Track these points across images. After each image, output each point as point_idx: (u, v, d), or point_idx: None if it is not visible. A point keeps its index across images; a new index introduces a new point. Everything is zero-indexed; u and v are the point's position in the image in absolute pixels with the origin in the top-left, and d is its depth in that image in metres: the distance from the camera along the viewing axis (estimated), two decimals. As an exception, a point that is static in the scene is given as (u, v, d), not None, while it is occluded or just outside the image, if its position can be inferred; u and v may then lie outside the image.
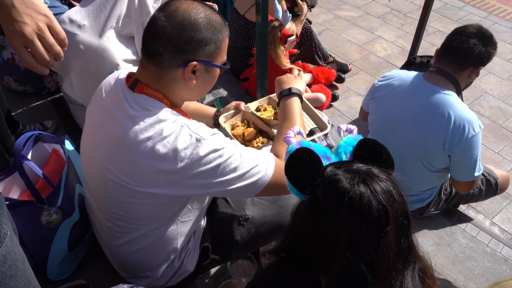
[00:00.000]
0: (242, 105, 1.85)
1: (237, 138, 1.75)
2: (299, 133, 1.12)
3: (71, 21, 2.15)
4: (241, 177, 1.20)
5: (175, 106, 1.26)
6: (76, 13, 2.17)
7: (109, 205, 1.29)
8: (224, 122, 1.80)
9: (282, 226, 1.57)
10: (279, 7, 2.83)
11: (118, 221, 1.31)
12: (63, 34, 0.88)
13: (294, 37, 2.90)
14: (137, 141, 1.14)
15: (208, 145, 1.15)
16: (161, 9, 1.18)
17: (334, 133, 2.82)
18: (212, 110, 1.83)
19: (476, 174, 1.98)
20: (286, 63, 2.99)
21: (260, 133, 1.79)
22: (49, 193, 1.51)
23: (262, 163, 1.24)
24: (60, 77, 2.38)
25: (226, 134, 1.75)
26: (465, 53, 1.89)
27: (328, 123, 2.51)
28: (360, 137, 1.04)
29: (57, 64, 2.56)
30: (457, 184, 2.09)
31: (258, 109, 1.88)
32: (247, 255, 1.81)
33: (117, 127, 1.18)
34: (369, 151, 0.99)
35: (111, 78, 1.33)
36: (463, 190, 2.13)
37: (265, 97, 1.96)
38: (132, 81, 1.22)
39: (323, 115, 2.01)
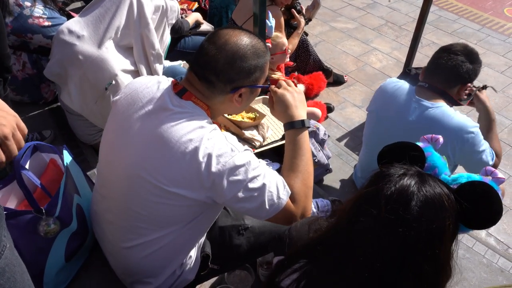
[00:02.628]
0: None
1: None
2: (436, 141, 1.15)
3: (70, 31, 2.16)
4: (262, 196, 1.23)
5: (213, 119, 1.34)
6: (75, 23, 2.19)
7: (134, 205, 1.30)
8: None
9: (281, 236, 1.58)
10: (271, 22, 2.83)
11: (137, 221, 1.32)
12: (26, 130, 0.91)
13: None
14: (179, 141, 1.19)
15: (242, 157, 1.21)
16: (211, 41, 1.27)
17: (331, 144, 2.83)
18: None
19: (491, 162, 1.97)
20: (271, 74, 3.01)
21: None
22: (47, 203, 1.50)
23: (281, 189, 1.27)
24: (58, 87, 2.38)
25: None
26: (454, 70, 1.91)
27: (325, 134, 2.53)
28: (492, 184, 0.98)
29: (56, 74, 2.49)
30: None
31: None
32: (244, 266, 1.81)
33: (159, 128, 1.23)
34: (472, 194, 0.93)
35: (144, 81, 1.37)
36: None
37: None
38: (180, 88, 1.29)
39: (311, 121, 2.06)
